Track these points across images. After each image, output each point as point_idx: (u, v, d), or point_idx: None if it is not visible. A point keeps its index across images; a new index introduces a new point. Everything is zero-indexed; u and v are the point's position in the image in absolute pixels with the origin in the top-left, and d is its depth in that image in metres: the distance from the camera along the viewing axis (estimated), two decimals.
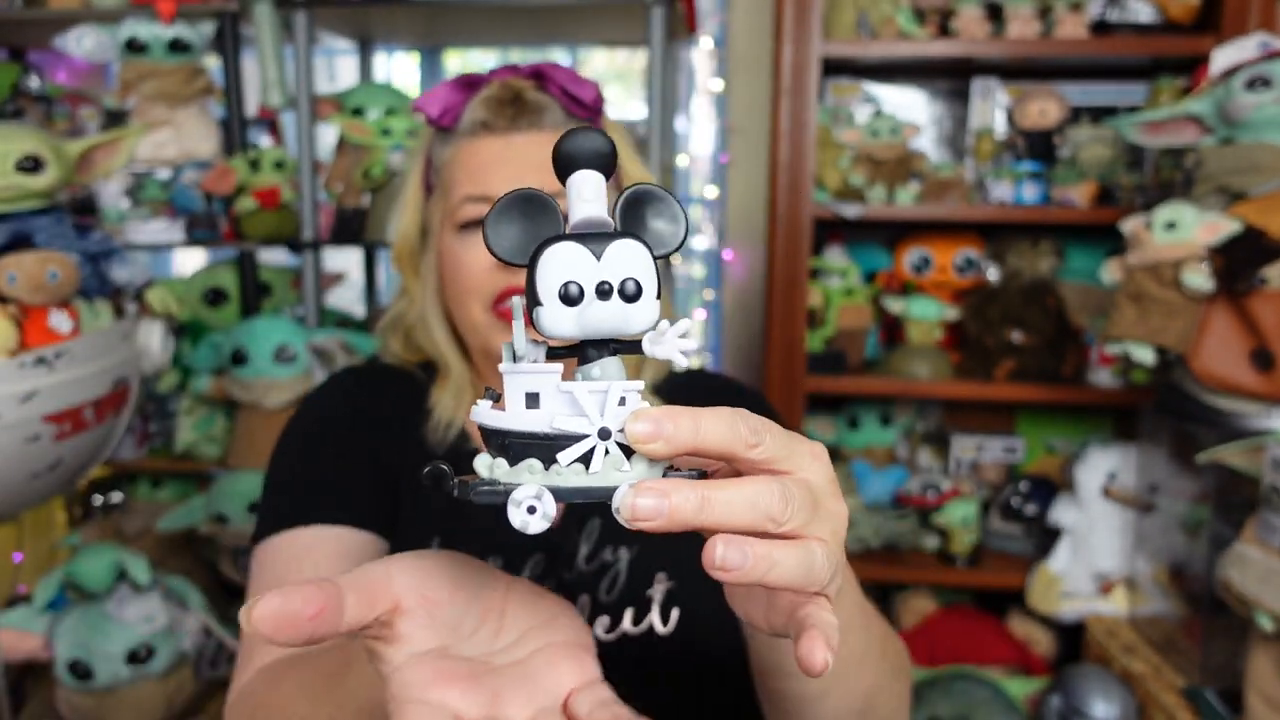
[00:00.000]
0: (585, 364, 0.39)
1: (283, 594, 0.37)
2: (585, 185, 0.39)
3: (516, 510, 0.37)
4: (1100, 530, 1.59)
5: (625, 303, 0.38)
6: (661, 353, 0.39)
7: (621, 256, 0.38)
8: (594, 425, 0.37)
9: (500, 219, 0.39)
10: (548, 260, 0.38)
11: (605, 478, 0.38)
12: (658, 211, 0.41)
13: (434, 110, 0.86)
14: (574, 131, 0.39)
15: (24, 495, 1.13)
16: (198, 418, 1.78)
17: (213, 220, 1.69)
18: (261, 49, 1.63)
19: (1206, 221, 1.22)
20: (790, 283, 1.71)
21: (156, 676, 1.41)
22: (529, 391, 0.39)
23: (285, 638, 0.37)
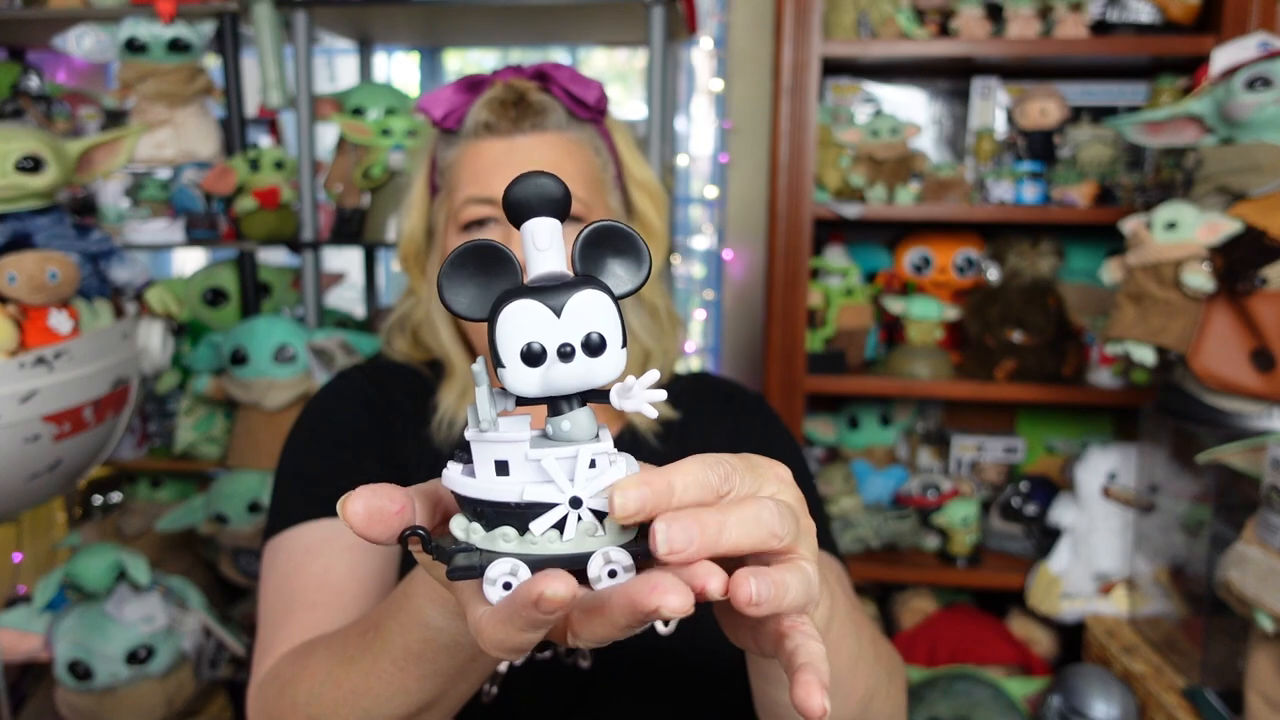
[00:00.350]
0: (555, 415, 0.39)
1: (372, 490, 0.39)
2: (539, 233, 0.38)
3: (492, 588, 0.37)
4: (1100, 530, 1.59)
5: (589, 357, 0.37)
6: (630, 406, 0.38)
7: (582, 310, 0.37)
8: (564, 494, 0.37)
9: (454, 273, 0.38)
10: (506, 320, 0.37)
11: (580, 545, 0.37)
12: (618, 249, 0.39)
13: (437, 112, 0.87)
14: (523, 177, 0.38)
15: (24, 495, 1.13)
16: (197, 418, 1.78)
17: (212, 220, 1.69)
18: (261, 49, 1.63)
19: (1207, 221, 1.22)
20: (790, 283, 1.71)
21: (156, 677, 1.41)
22: (498, 459, 0.38)
23: (375, 531, 0.39)
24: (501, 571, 0.37)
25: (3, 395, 1.02)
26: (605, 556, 0.37)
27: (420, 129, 1.64)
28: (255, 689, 0.68)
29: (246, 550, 1.63)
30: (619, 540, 0.38)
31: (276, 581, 0.77)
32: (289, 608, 0.73)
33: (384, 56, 2.74)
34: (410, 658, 0.52)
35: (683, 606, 0.33)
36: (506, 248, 0.38)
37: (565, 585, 0.33)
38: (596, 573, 0.37)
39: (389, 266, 2.72)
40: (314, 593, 0.74)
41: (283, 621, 0.73)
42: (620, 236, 0.39)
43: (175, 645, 1.43)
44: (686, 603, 0.33)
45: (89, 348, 1.12)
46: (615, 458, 0.39)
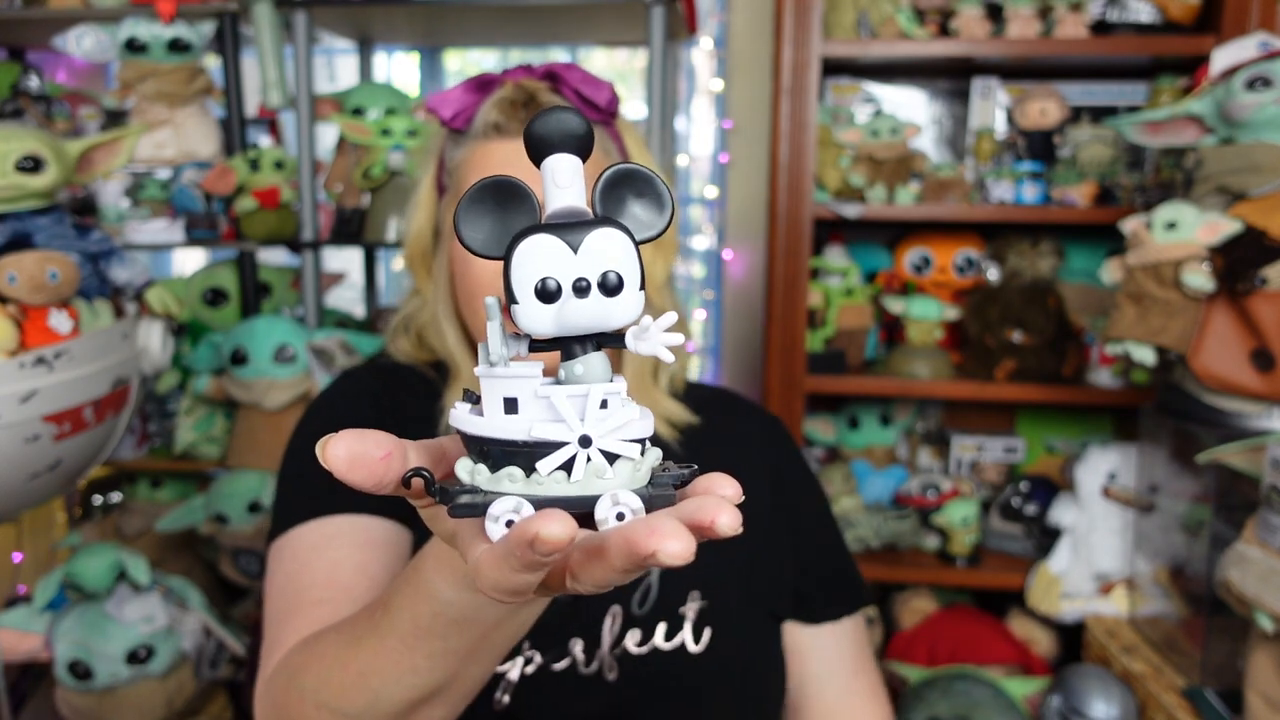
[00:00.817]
0: (568, 360, 0.37)
1: (356, 433, 0.37)
2: (559, 170, 0.37)
3: (494, 525, 0.36)
4: (1100, 530, 1.59)
5: (606, 297, 0.36)
6: (645, 349, 0.37)
7: (601, 247, 0.36)
8: (574, 432, 0.36)
9: (472, 209, 0.37)
10: (522, 255, 0.36)
11: (587, 486, 0.36)
12: (640, 192, 0.38)
13: (446, 112, 0.86)
14: (546, 112, 0.36)
15: (24, 495, 1.13)
16: (197, 418, 1.78)
17: (212, 220, 1.69)
18: (261, 49, 1.63)
19: (1207, 221, 1.22)
20: (790, 283, 1.71)
21: (156, 677, 1.41)
22: (507, 396, 0.37)
23: (357, 476, 0.37)
24: (505, 509, 0.36)
25: (3, 395, 1.02)
26: (613, 498, 0.36)
27: (420, 129, 1.64)
28: (263, 684, 0.67)
29: (247, 550, 1.63)
30: (630, 483, 0.37)
31: (282, 579, 0.76)
32: (296, 604, 0.72)
33: (384, 56, 2.74)
34: (419, 634, 0.51)
35: (682, 552, 0.32)
36: (526, 184, 0.37)
37: (562, 526, 0.32)
38: (603, 515, 0.36)
39: (389, 266, 2.72)
40: (321, 589, 0.73)
41: (289, 618, 0.72)
42: (643, 180, 0.38)
43: (175, 645, 1.43)
44: (687, 548, 0.32)
45: (89, 348, 1.12)
46: (628, 402, 0.38)
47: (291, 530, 0.78)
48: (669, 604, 0.80)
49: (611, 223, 0.37)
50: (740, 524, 0.34)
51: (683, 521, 0.33)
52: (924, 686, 1.53)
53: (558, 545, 0.32)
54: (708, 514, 0.34)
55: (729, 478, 0.37)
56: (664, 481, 0.38)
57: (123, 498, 1.92)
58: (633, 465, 0.37)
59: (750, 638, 0.84)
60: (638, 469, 0.37)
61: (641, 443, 0.38)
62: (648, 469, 0.38)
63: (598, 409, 0.36)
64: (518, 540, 0.33)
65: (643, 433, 0.38)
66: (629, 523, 0.34)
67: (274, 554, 0.79)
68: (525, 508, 0.36)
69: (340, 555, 0.75)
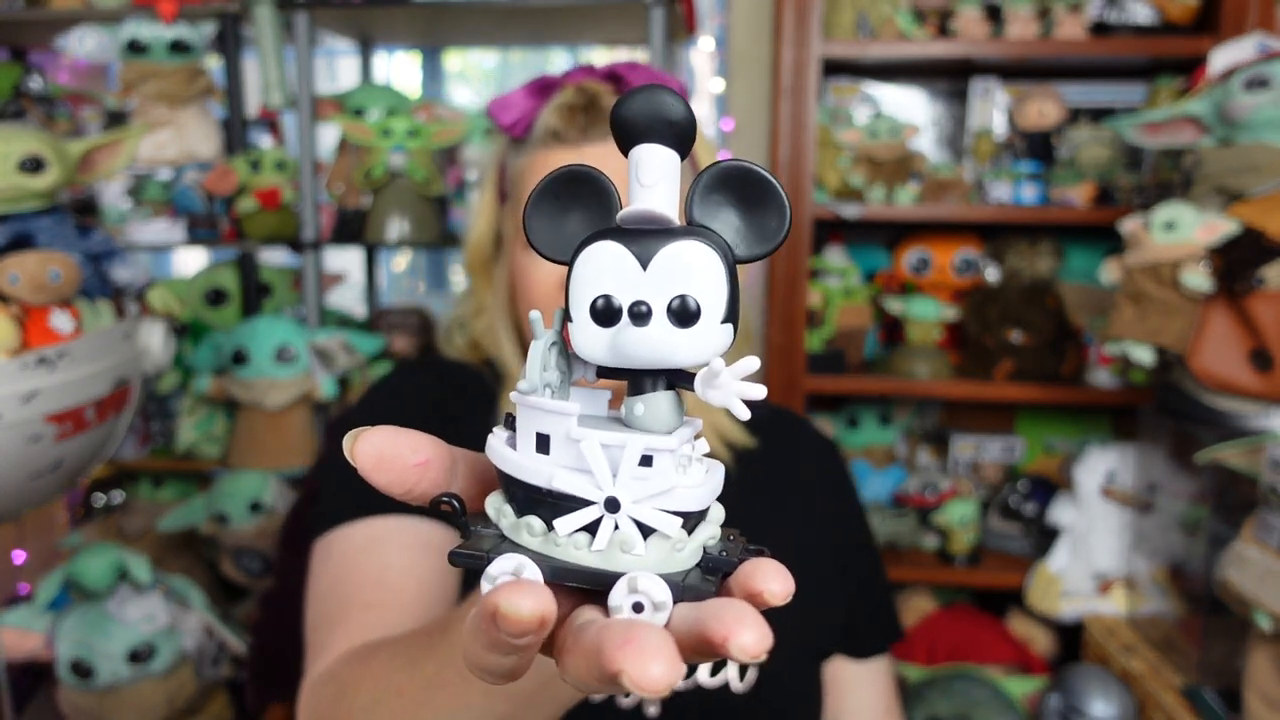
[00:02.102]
0: (634, 395, 0.31)
1: (395, 431, 0.32)
2: (646, 164, 0.30)
3: (489, 586, 0.30)
4: (1099, 530, 1.59)
5: (676, 326, 0.29)
6: (716, 399, 0.29)
7: (678, 264, 0.29)
8: (600, 491, 0.29)
9: (542, 204, 0.32)
10: (584, 264, 0.30)
11: (609, 559, 0.30)
12: (748, 200, 0.31)
13: (506, 118, 0.83)
14: (638, 92, 0.30)
15: (25, 496, 1.14)
16: (199, 418, 1.78)
17: (213, 220, 1.69)
18: (262, 50, 1.63)
19: (1205, 222, 1.22)
20: (790, 283, 1.71)
21: (158, 676, 1.41)
22: (540, 431, 0.31)
23: (384, 478, 0.32)
24: (502, 569, 0.30)
25: (5, 395, 1.02)
26: (632, 584, 0.29)
27: (421, 130, 1.65)
28: (309, 688, 0.64)
29: (248, 550, 1.64)
30: (664, 565, 0.30)
31: (330, 580, 0.73)
32: (344, 607, 0.70)
33: (384, 57, 2.74)
34: None
35: (655, 683, 0.24)
36: (607, 179, 0.31)
37: (532, 602, 0.26)
38: (618, 602, 0.29)
39: (389, 267, 2.72)
40: (370, 591, 0.70)
41: (338, 621, 0.69)
42: (755, 183, 0.30)
43: (176, 644, 1.43)
44: (666, 674, 0.24)
45: (91, 348, 1.12)
46: (689, 460, 0.31)
47: (338, 529, 0.75)
48: None
49: (699, 234, 0.30)
50: (766, 649, 0.27)
51: (690, 632, 0.27)
52: (923, 686, 1.53)
53: (523, 626, 0.26)
54: (722, 630, 0.26)
55: (780, 569, 0.30)
56: (716, 566, 0.31)
57: (124, 497, 1.92)
58: (670, 543, 0.30)
59: (795, 677, 0.82)
60: (677, 548, 0.30)
61: (688, 516, 0.31)
62: (695, 549, 0.31)
63: (635, 466, 0.29)
64: (481, 612, 0.27)
65: (694, 504, 0.31)
66: (606, 623, 0.27)
67: (319, 552, 0.76)
68: (529, 570, 0.30)
69: (390, 558, 0.72)
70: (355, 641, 0.64)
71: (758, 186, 0.30)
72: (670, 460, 0.30)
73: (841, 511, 0.93)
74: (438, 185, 1.66)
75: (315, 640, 0.71)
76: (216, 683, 1.55)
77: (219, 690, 1.57)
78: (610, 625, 0.27)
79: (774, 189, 0.30)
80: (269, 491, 1.64)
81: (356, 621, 0.68)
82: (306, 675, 0.67)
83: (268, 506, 1.64)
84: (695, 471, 0.31)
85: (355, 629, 0.67)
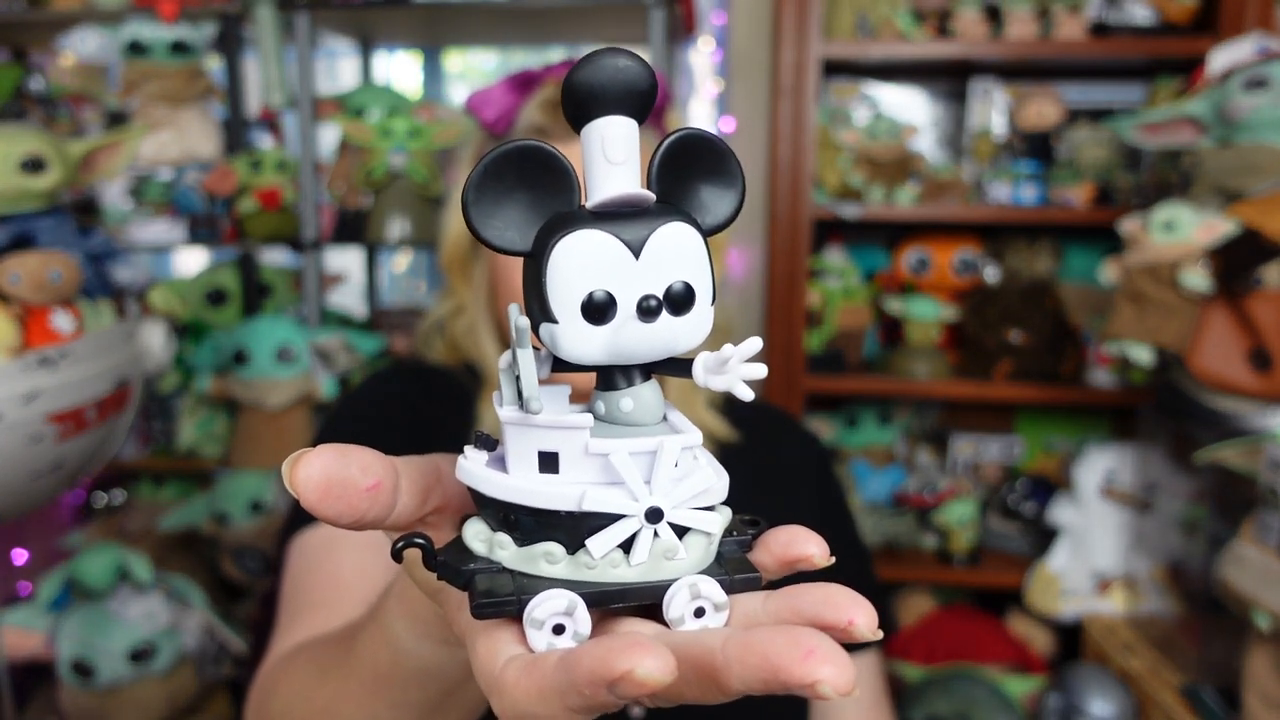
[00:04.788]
0: (610, 390, 0.29)
1: (340, 451, 0.29)
2: (613, 140, 0.27)
3: (537, 632, 0.27)
4: (1098, 530, 1.60)
5: (672, 315, 0.27)
6: (720, 384, 0.28)
7: (669, 250, 0.27)
8: (639, 503, 0.27)
9: (486, 187, 0.27)
10: (564, 256, 0.27)
11: (654, 570, 0.27)
12: (707, 168, 0.29)
13: (489, 114, 0.82)
14: (596, 56, 0.27)
15: (26, 496, 1.14)
16: (199, 417, 1.78)
17: (214, 221, 1.69)
18: (263, 50, 1.63)
19: (1204, 222, 1.22)
20: (790, 283, 1.71)
21: (159, 675, 1.41)
22: (543, 450, 0.28)
23: (331, 509, 0.28)
24: (553, 610, 0.26)
25: (6, 395, 1.03)
26: (693, 590, 0.27)
27: (422, 130, 1.65)
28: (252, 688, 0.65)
29: (248, 550, 1.64)
30: (703, 562, 0.28)
31: (291, 581, 0.74)
32: (297, 608, 0.70)
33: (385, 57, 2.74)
34: (379, 681, 0.44)
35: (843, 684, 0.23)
36: (562, 156, 0.28)
37: (662, 665, 0.23)
38: (679, 613, 0.27)
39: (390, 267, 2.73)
40: (321, 592, 0.70)
41: (290, 623, 0.70)
42: (710, 151, 0.29)
43: (177, 644, 1.43)
44: (848, 679, 0.23)
45: (92, 348, 1.13)
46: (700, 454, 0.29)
47: (307, 529, 0.75)
48: None
49: (680, 214, 0.28)
50: (877, 624, 0.26)
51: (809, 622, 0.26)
52: (923, 685, 1.53)
53: (652, 689, 0.23)
54: (841, 613, 0.26)
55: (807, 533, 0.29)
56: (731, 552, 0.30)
57: (125, 497, 1.92)
58: (708, 540, 0.28)
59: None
60: (712, 545, 0.29)
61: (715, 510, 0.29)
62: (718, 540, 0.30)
63: (671, 469, 0.27)
64: (591, 678, 0.23)
65: (720, 496, 0.29)
66: (759, 634, 0.25)
67: (287, 554, 0.77)
68: (580, 610, 0.27)
69: (342, 558, 0.72)
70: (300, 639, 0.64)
71: (715, 155, 0.29)
72: (693, 456, 0.29)
73: (825, 506, 0.92)
74: (438, 185, 1.66)
75: (273, 640, 0.71)
76: (217, 682, 1.55)
77: (220, 690, 1.57)
78: (770, 639, 0.24)
79: (730, 156, 0.29)
80: (270, 491, 1.64)
81: (305, 622, 0.68)
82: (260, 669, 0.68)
83: (268, 506, 1.64)
84: (706, 465, 0.29)
85: (302, 630, 0.66)
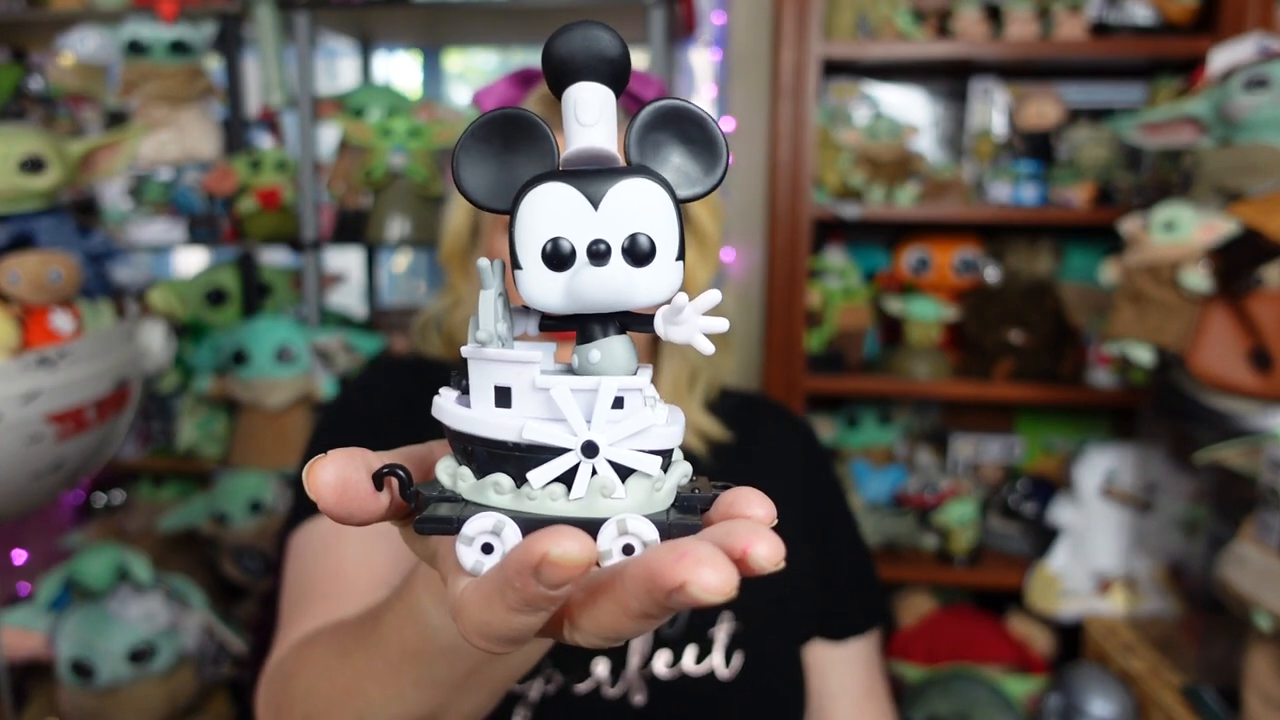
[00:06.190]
0: (584, 343, 0.30)
1: (348, 455, 0.31)
2: (584, 104, 0.29)
3: (467, 549, 0.29)
4: (1099, 530, 1.60)
5: (632, 266, 0.29)
6: (679, 335, 0.29)
7: (629, 203, 0.28)
8: (576, 437, 0.29)
9: (473, 150, 0.30)
10: (529, 207, 0.29)
11: (590, 506, 0.29)
12: (687, 137, 0.30)
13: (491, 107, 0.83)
14: (569, 28, 0.29)
15: (26, 496, 1.14)
16: (199, 417, 1.78)
17: (214, 221, 1.69)
18: (263, 50, 1.63)
19: (1204, 222, 1.22)
20: (790, 283, 1.71)
21: (158, 676, 1.41)
22: (498, 385, 0.30)
23: (349, 510, 0.30)
24: (481, 528, 0.29)
25: (5, 395, 1.02)
26: (621, 525, 0.28)
27: (422, 130, 1.65)
28: (263, 681, 0.65)
29: (248, 550, 1.64)
30: (646, 506, 0.29)
31: (293, 576, 0.74)
32: (303, 600, 0.71)
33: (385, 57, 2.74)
34: (406, 658, 0.46)
35: (720, 585, 0.25)
36: (544, 122, 0.30)
37: (579, 545, 0.25)
38: (607, 546, 0.28)
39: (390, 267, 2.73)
40: (326, 584, 0.71)
41: (295, 616, 0.70)
42: (692, 121, 0.30)
43: (177, 644, 1.43)
44: (726, 580, 0.25)
45: (91, 348, 1.13)
46: (653, 400, 0.30)
47: (306, 524, 0.76)
48: (700, 625, 0.77)
49: (646, 172, 0.29)
50: (781, 557, 0.27)
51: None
52: (923, 685, 1.53)
53: (571, 571, 0.25)
54: (739, 541, 0.27)
55: (760, 495, 0.30)
56: (690, 504, 0.31)
57: (124, 497, 1.92)
58: (650, 483, 0.30)
59: (781, 664, 0.81)
60: (657, 488, 0.30)
61: (664, 454, 0.30)
62: (671, 488, 0.31)
63: (609, 409, 0.29)
64: (517, 567, 0.25)
65: (667, 442, 0.30)
66: (650, 550, 0.27)
67: (287, 550, 0.77)
68: (508, 528, 0.29)
69: (345, 550, 0.73)
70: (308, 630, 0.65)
71: (696, 124, 0.30)
72: (641, 399, 0.30)
73: (816, 491, 0.91)
74: (438, 185, 1.66)
75: (279, 633, 0.72)
76: (217, 683, 1.55)
77: (219, 690, 1.57)
78: (655, 552, 0.26)
79: (712, 127, 0.30)
80: (269, 491, 1.64)
81: (311, 614, 0.68)
82: (269, 660, 0.68)
83: (268, 506, 1.64)
84: (661, 411, 0.30)
85: (310, 620, 0.67)
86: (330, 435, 0.83)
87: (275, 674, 0.62)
